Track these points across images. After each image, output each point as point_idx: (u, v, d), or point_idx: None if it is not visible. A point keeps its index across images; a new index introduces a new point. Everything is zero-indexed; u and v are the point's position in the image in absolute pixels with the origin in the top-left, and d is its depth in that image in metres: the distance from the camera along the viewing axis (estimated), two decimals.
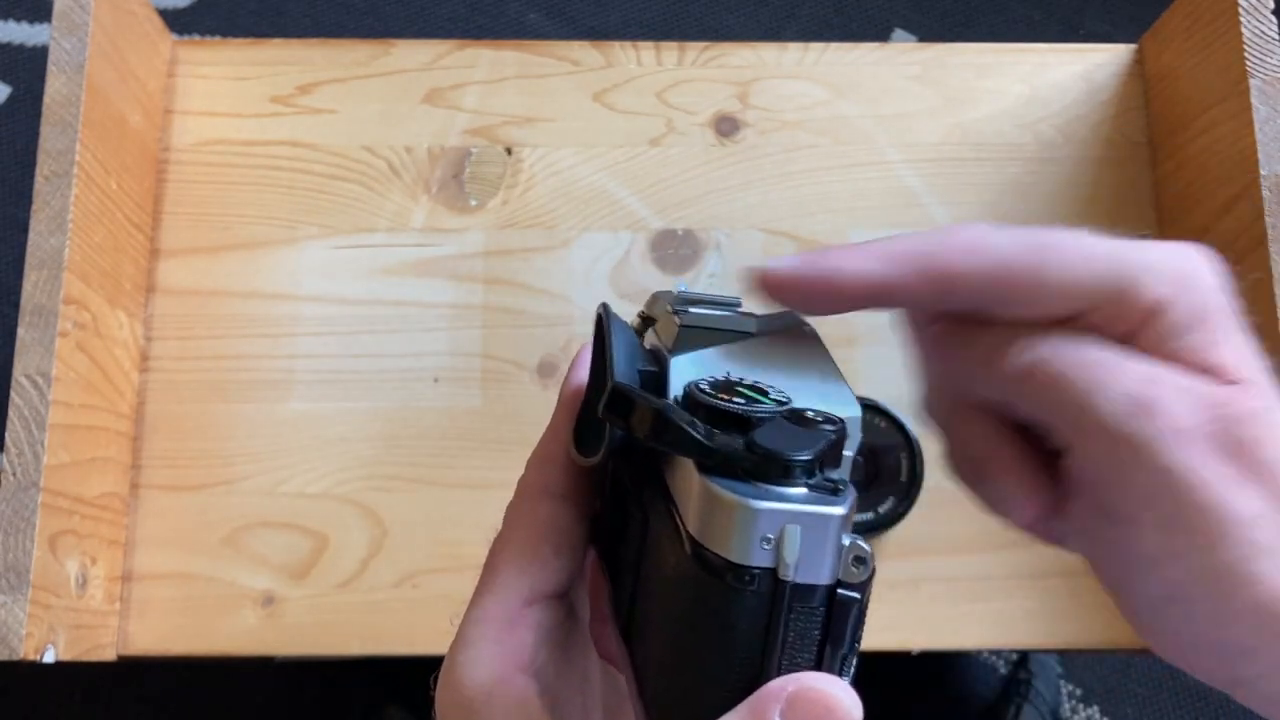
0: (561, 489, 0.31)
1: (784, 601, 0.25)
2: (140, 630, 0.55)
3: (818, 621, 0.25)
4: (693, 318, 0.31)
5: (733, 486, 0.25)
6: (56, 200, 0.52)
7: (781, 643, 0.25)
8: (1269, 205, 0.52)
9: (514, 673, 0.29)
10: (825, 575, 0.24)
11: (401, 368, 0.59)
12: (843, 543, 0.24)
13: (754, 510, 0.24)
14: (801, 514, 0.24)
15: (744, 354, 0.30)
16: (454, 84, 0.63)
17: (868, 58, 0.64)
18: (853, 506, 0.25)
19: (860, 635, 0.26)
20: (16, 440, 0.49)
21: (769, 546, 0.24)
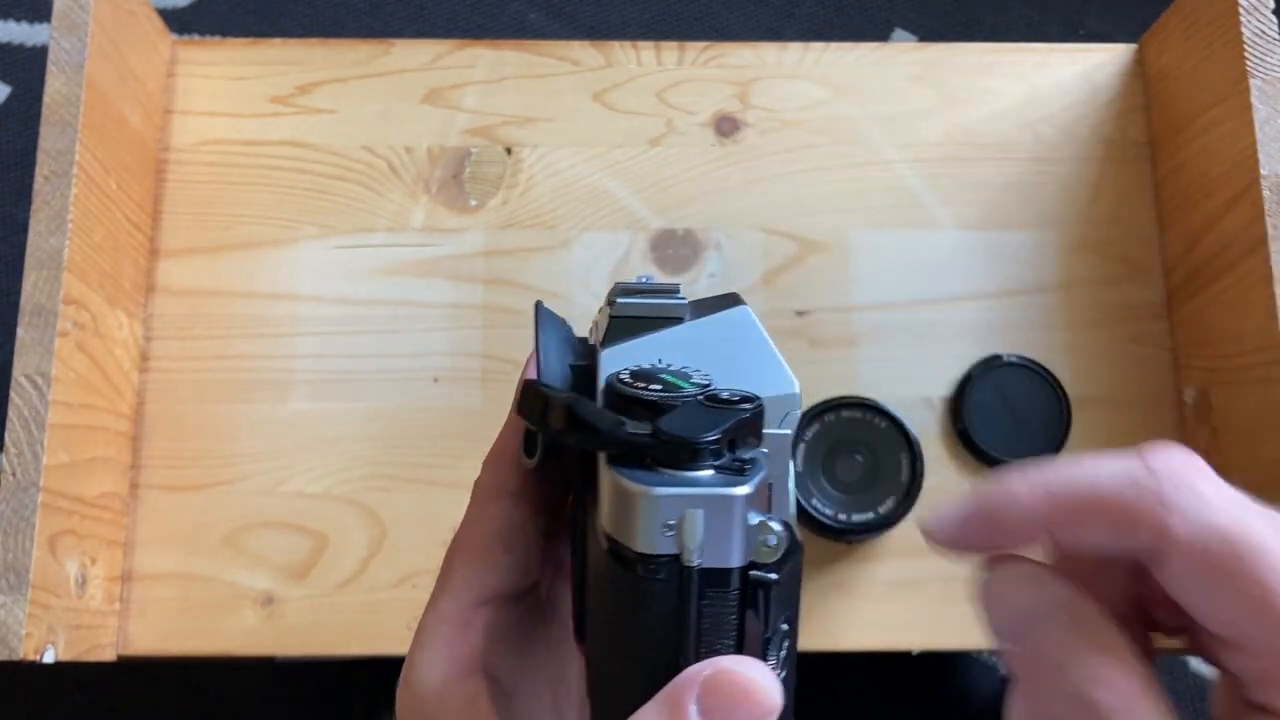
0: (514, 487, 0.31)
1: (692, 587, 0.24)
2: (140, 630, 0.55)
3: (733, 605, 0.24)
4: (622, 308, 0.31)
5: (636, 476, 0.25)
6: (56, 200, 0.52)
7: (697, 629, 0.25)
8: (1269, 205, 0.52)
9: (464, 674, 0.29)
10: (734, 558, 0.24)
11: (401, 368, 0.59)
12: (750, 523, 0.24)
13: (652, 497, 0.24)
14: (702, 497, 0.24)
15: (676, 340, 0.30)
16: (454, 84, 0.63)
17: (868, 58, 0.64)
18: (763, 483, 0.25)
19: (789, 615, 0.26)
20: (16, 440, 0.49)
21: (672, 533, 0.24)
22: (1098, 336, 0.60)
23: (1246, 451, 0.54)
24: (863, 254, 0.61)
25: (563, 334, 0.32)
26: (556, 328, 0.32)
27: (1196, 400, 0.58)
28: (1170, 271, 0.60)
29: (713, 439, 0.24)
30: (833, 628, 0.56)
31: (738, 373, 0.29)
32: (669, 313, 0.30)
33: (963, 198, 0.62)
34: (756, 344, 0.29)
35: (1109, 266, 0.61)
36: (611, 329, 0.30)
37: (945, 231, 0.61)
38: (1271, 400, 0.52)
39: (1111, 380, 0.59)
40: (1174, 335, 0.60)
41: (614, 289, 0.32)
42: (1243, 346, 0.54)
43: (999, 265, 0.61)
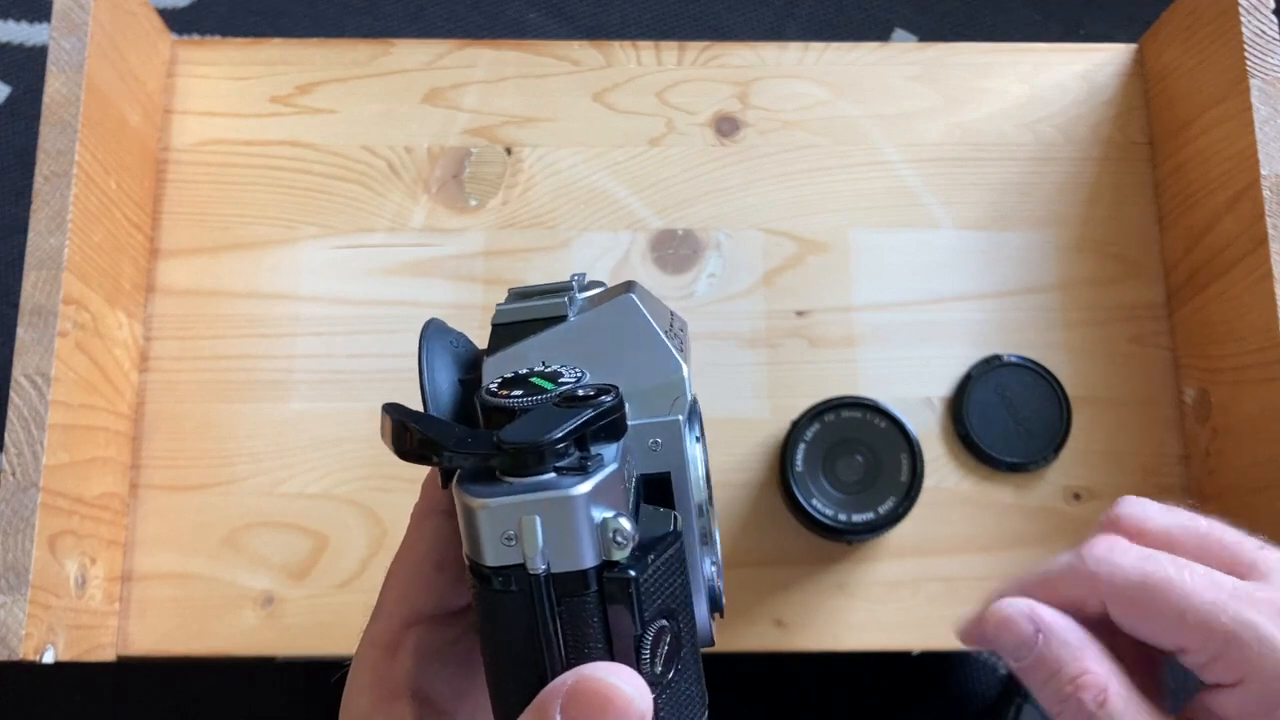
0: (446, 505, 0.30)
1: (543, 595, 0.24)
2: (140, 630, 0.55)
3: (593, 608, 0.24)
4: (502, 314, 0.31)
5: (475, 490, 0.24)
6: (56, 200, 0.52)
7: (559, 637, 0.24)
8: (1269, 205, 0.52)
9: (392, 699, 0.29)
10: (584, 559, 0.23)
11: (401, 368, 0.59)
12: (595, 521, 0.23)
13: (485, 509, 0.23)
14: (536, 502, 0.23)
15: (560, 338, 0.29)
16: (454, 84, 0.63)
17: (868, 58, 0.64)
18: (613, 478, 0.24)
19: (669, 609, 0.25)
20: (16, 440, 0.49)
21: (512, 543, 0.23)
22: (1098, 336, 0.60)
23: (1247, 451, 0.54)
24: (863, 254, 0.61)
25: (455, 349, 0.31)
26: (447, 343, 0.31)
27: (1196, 400, 0.58)
28: (1170, 271, 0.60)
29: (550, 441, 0.24)
30: (833, 628, 0.56)
31: (623, 363, 0.28)
32: (550, 312, 0.30)
33: (963, 198, 0.62)
34: (641, 331, 0.29)
35: (1109, 266, 0.61)
36: (494, 337, 0.30)
37: (945, 231, 0.61)
38: (1271, 400, 0.52)
39: (1111, 380, 0.59)
40: (1174, 335, 0.60)
41: (507, 295, 0.32)
42: (1243, 346, 0.54)
43: (999, 265, 0.61)
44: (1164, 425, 0.59)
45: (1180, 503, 0.58)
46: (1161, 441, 0.59)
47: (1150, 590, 0.30)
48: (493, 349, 0.30)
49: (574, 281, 0.32)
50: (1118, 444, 0.58)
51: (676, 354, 0.28)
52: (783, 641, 0.55)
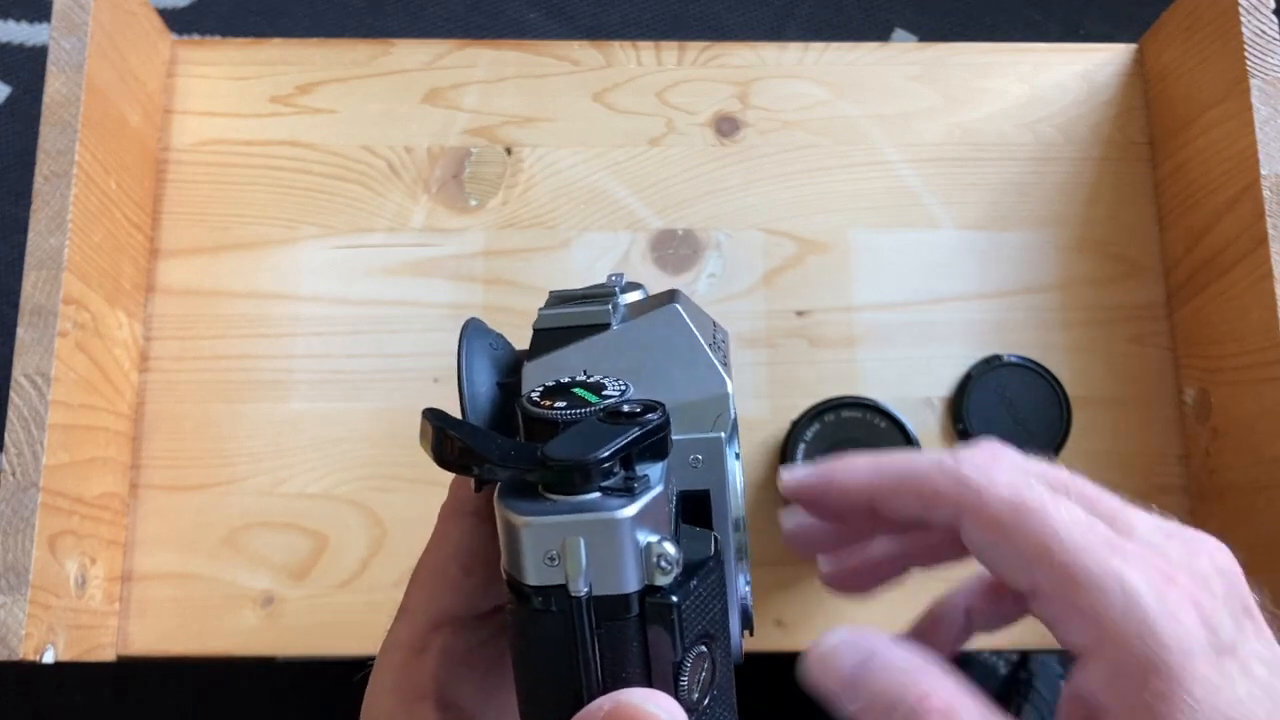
0: (475, 507, 0.30)
1: (584, 617, 0.23)
2: (140, 630, 0.55)
3: (633, 633, 0.23)
4: (545, 319, 0.30)
5: (519, 506, 0.23)
6: (56, 200, 0.52)
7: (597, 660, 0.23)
8: (1269, 205, 0.52)
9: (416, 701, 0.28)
10: (627, 583, 0.23)
11: (401, 368, 0.59)
12: (640, 545, 0.23)
13: (528, 527, 0.23)
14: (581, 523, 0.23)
15: (601, 348, 0.29)
16: (454, 84, 0.63)
17: (868, 58, 0.64)
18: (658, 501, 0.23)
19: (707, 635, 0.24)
20: (16, 440, 0.49)
21: (554, 563, 0.23)
22: (1098, 336, 0.60)
23: (1247, 451, 0.54)
24: (863, 254, 0.61)
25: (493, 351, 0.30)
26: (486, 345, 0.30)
27: (1196, 400, 0.58)
28: (1170, 271, 0.60)
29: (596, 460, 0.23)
30: (833, 628, 0.56)
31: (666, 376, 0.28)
32: (593, 319, 0.29)
33: (963, 198, 0.62)
34: (686, 344, 0.28)
35: (1109, 266, 0.61)
36: (535, 342, 0.30)
37: (945, 231, 0.61)
38: (1272, 400, 0.52)
39: (1111, 380, 0.59)
40: (1174, 335, 0.60)
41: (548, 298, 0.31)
42: (1243, 346, 0.54)
43: (999, 265, 0.61)
44: (1164, 425, 0.59)
45: (1180, 503, 0.58)
46: (1161, 441, 0.59)
47: (1021, 515, 0.28)
48: (533, 354, 0.29)
49: (615, 287, 0.31)
50: (1117, 444, 0.58)
51: (721, 369, 0.28)
52: (783, 641, 0.55)
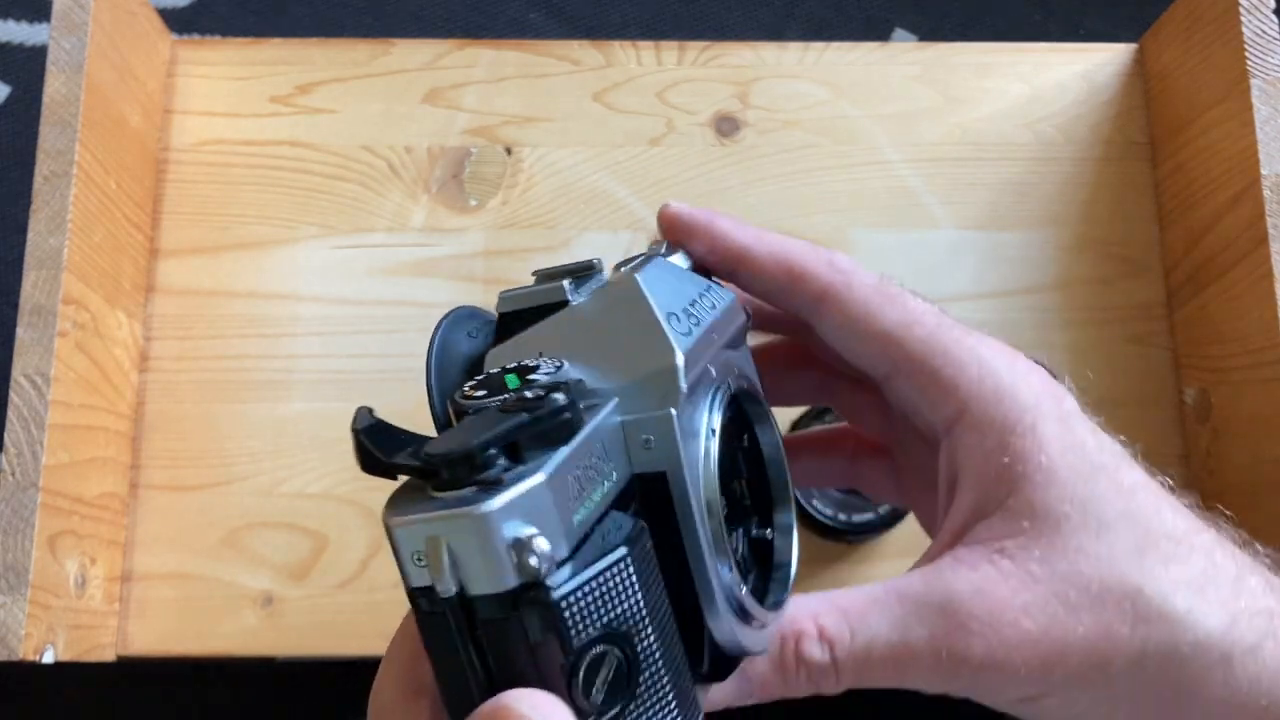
0: None
1: (459, 617, 0.22)
2: (140, 630, 0.55)
3: (515, 633, 0.22)
4: (507, 301, 0.29)
5: (395, 506, 0.23)
6: (56, 200, 0.52)
7: (481, 662, 0.22)
8: (1269, 205, 0.52)
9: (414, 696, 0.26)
10: (500, 581, 0.22)
11: (401, 368, 0.59)
12: (509, 540, 0.21)
13: (391, 528, 0.22)
14: (440, 521, 0.21)
15: (559, 327, 0.28)
16: (454, 84, 0.63)
17: (868, 58, 0.64)
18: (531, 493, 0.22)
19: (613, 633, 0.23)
20: (15, 440, 0.49)
21: (422, 563, 0.22)
22: (1098, 336, 0.60)
23: (1247, 451, 0.54)
24: (863, 254, 0.61)
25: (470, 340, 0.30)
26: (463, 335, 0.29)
27: (1196, 400, 0.58)
28: (1170, 271, 0.60)
29: (463, 453, 0.22)
30: None
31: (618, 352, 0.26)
32: (551, 298, 0.28)
33: (963, 198, 0.62)
34: (639, 314, 0.27)
35: (1109, 266, 0.61)
36: (499, 326, 0.29)
37: (945, 231, 0.61)
38: (1272, 400, 0.52)
39: (1111, 380, 0.59)
40: (1174, 335, 0.60)
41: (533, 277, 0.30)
42: (1244, 346, 0.54)
43: (999, 265, 0.61)
44: (1164, 425, 0.59)
45: None
46: (1161, 441, 0.59)
47: (885, 298, 0.31)
48: (497, 339, 0.29)
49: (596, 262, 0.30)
50: None
51: (673, 339, 0.26)
52: None
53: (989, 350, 0.31)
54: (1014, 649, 0.27)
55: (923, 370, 0.30)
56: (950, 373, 0.30)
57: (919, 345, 0.30)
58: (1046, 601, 0.27)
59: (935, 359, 0.30)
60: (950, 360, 0.30)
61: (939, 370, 0.30)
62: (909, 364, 0.31)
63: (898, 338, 0.31)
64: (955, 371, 0.30)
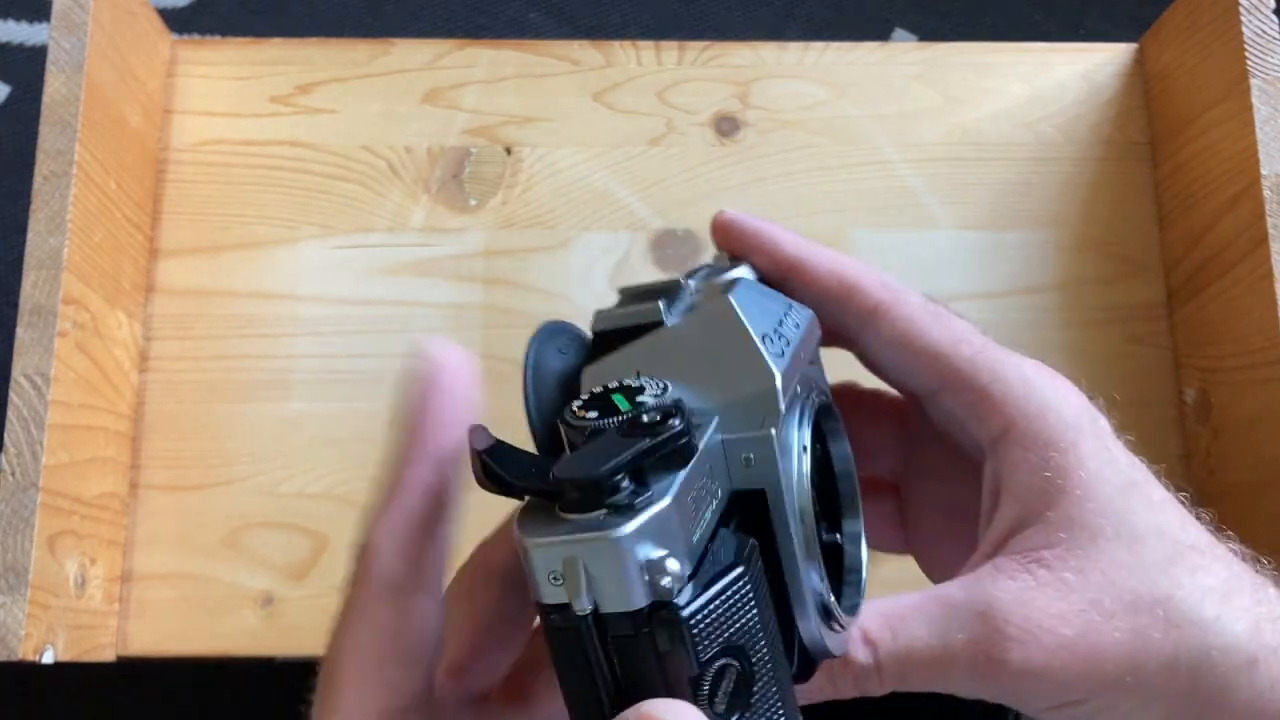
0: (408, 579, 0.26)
1: (592, 634, 0.23)
2: (140, 630, 0.55)
3: (645, 648, 0.23)
4: (603, 319, 0.30)
5: (528, 527, 0.24)
6: (55, 200, 0.52)
7: (613, 675, 0.24)
8: (1269, 205, 0.52)
9: None
10: (632, 600, 0.23)
11: (401, 368, 0.59)
12: (641, 562, 0.23)
13: (531, 549, 0.23)
14: (578, 543, 0.23)
15: (655, 347, 0.28)
16: (454, 84, 0.63)
17: (868, 58, 0.64)
18: (659, 517, 0.23)
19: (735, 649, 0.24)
20: (15, 440, 0.49)
21: (558, 582, 0.23)
22: (1098, 336, 0.60)
23: (1247, 451, 0.54)
24: (863, 254, 0.61)
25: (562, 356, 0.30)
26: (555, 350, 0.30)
27: (1196, 400, 0.58)
28: (1170, 271, 0.60)
29: (595, 479, 0.23)
30: None
31: (716, 373, 0.27)
32: (647, 318, 0.29)
33: (963, 197, 0.62)
34: (736, 337, 0.28)
35: (1109, 266, 0.61)
36: (594, 345, 0.29)
37: (945, 231, 0.61)
38: (1272, 400, 0.52)
39: (1111, 380, 0.59)
40: (1174, 335, 0.60)
41: (618, 294, 0.31)
42: (1243, 346, 0.54)
43: (999, 265, 0.61)
44: (1164, 425, 0.59)
45: None
46: (1161, 441, 0.59)
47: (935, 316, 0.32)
48: (592, 357, 0.29)
49: (681, 279, 0.30)
50: None
51: (771, 362, 0.27)
52: None
53: (1031, 369, 0.32)
54: (1051, 655, 0.28)
55: (972, 386, 0.32)
56: (998, 389, 0.31)
57: (967, 362, 0.32)
58: (1083, 609, 0.29)
59: (983, 375, 0.31)
60: (998, 377, 0.31)
61: (987, 387, 0.31)
62: (958, 380, 0.32)
63: (947, 354, 0.32)
64: (1003, 388, 0.31)
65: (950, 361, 0.32)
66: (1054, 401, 0.31)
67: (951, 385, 0.32)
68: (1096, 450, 0.31)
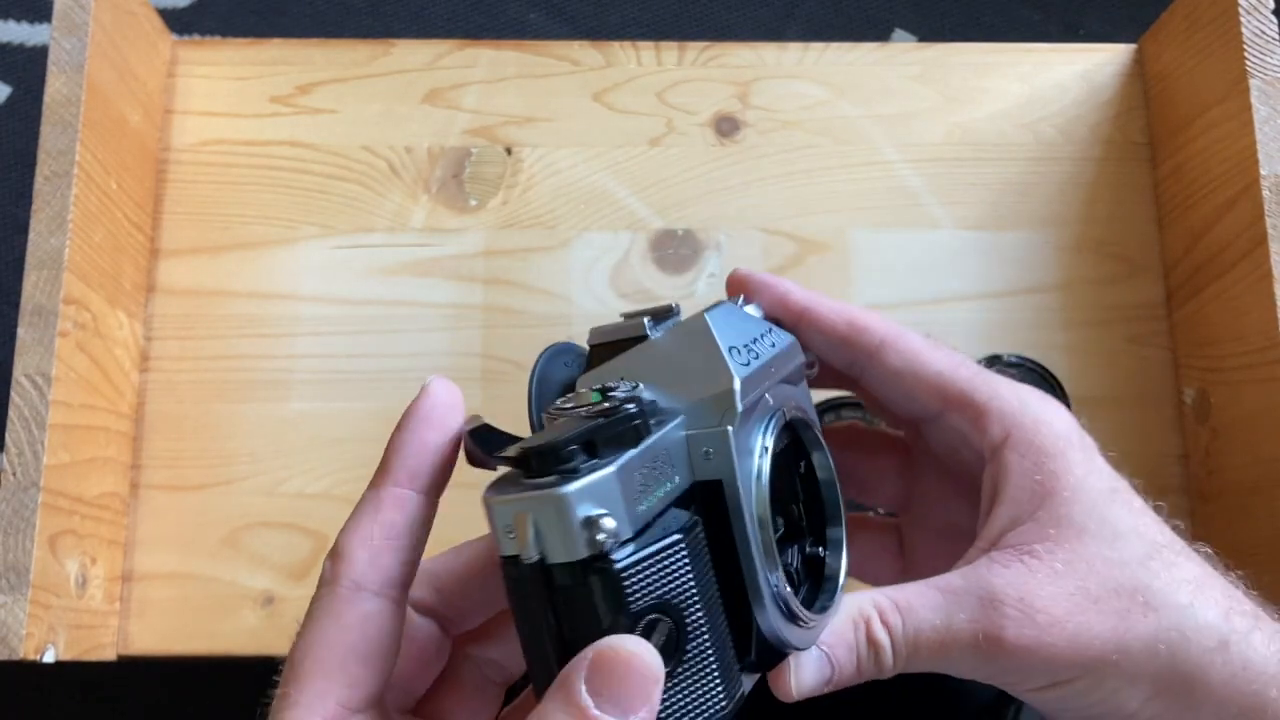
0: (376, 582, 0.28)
1: (542, 581, 0.26)
2: (140, 630, 0.55)
3: (586, 596, 0.26)
4: (597, 334, 0.34)
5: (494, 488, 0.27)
6: (56, 200, 0.52)
7: (557, 620, 0.26)
8: (1269, 205, 0.52)
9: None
10: (573, 552, 0.26)
11: (401, 368, 0.59)
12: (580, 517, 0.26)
13: (489, 504, 0.27)
14: (528, 500, 0.26)
15: (638, 357, 0.32)
16: (454, 84, 0.63)
17: (868, 58, 0.64)
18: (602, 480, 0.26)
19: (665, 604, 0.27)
20: (16, 440, 0.49)
21: (511, 535, 0.26)
22: (1098, 336, 0.60)
23: (1247, 451, 0.54)
24: (863, 254, 0.61)
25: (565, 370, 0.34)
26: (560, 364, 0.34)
27: (1196, 400, 0.58)
28: (1170, 271, 0.60)
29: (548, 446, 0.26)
30: None
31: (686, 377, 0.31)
32: (632, 332, 0.33)
33: (962, 198, 0.62)
34: (704, 347, 0.31)
35: (1108, 266, 0.61)
36: (590, 356, 0.34)
37: (945, 231, 0.61)
38: (1272, 400, 0.52)
39: (1111, 380, 0.59)
40: (1174, 335, 0.60)
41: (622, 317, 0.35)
42: (1243, 346, 0.54)
43: (998, 265, 0.61)
44: (1164, 425, 0.59)
45: (1180, 503, 0.58)
46: (1161, 441, 0.59)
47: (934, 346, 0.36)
48: (588, 368, 0.33)
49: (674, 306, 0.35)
50: (1117, 444, 0.58)
51: (733, 368, 0.30)
52: None
53: (1025, 390, 0.36)
54: (1043, 632, 0.31)
55: (973, 403, 0.35)
56: (996, 405, 0.35)
57: (967, 382, 0.36)
58: (1070, 594, 0.32)
59: (983, 392, 0.35)
60: (995, 394, 0.35)
61: (987, 403, 0.35)
62: (960, 398, 0.36)
63: (950, 376, 0.36)
64: (1000, 404, 0.35)
65: (953, 382, 0.36)
66: (1046, 416, 0.35)
67: (955, 403, 0.36)
68: (1083, 460, 0.34)
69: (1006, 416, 0.35)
